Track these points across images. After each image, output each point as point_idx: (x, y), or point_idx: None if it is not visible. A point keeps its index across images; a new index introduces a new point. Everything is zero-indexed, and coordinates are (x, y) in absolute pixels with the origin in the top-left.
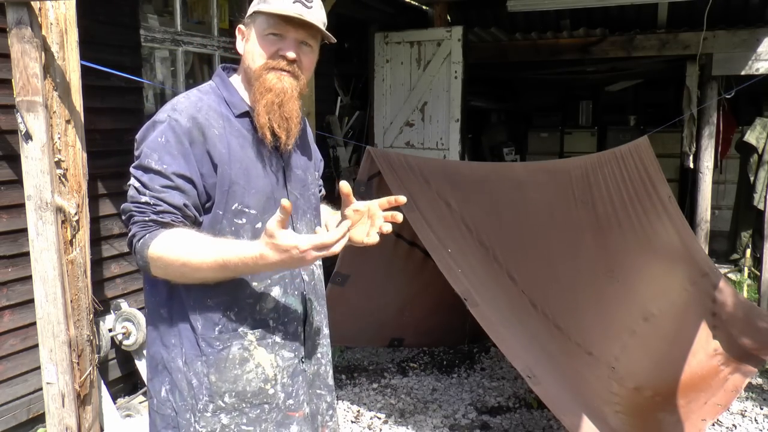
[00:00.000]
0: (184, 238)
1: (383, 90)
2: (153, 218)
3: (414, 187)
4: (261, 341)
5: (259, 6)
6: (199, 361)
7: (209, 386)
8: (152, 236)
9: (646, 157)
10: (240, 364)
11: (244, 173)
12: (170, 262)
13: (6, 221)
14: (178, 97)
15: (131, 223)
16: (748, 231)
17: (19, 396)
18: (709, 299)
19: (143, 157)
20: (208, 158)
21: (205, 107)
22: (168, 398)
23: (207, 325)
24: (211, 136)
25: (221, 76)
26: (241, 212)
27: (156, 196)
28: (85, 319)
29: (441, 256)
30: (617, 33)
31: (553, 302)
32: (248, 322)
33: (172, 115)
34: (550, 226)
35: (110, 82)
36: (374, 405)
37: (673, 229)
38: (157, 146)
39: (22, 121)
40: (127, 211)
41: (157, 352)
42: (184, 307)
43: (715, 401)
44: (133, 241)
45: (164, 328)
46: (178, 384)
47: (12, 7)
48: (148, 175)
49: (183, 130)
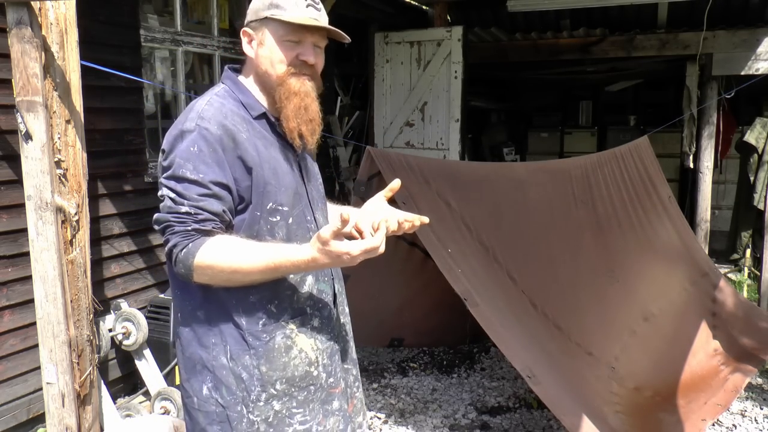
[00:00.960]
0: (233, 246)
1: (383, 90)
2: (195, 227)
3: (414, 187)
4: (301, 328)
5: (272, 12)
6: (247, 355)
7: (260, 377)
8: (196, 245)
9: (646, 157)
10: (286, 352)
11: (273, 173)
12: (220, 269)
13: (6, 221)
14: (200, 103)
15: (171, 233)
16: (748, 231)
17: (19, 396)
18: (709, 299)
19: (177, 168)
20: (241, 163)
21: (229, 113)
22: (211, 395)
23: (251, 320)
24: (241, 140)
25: (232, 78)
26: (275, 210)
27: (195, 205)
28: (85, 319)
29: (441, 256)
30: (617, 33)
31: (553, 302)
32: (288, 312)
33: (201, 124)
34: (550, 226)
35: (110, 82)
36: (374, 405)
37: (673, 229)
38: (191, 156)
39: (22, 121)
40: (164, 221)
41: (194, 353)
42: (224, 307)
43: (715, 401)
44: (174, 251)
45: (202, 330)
46: (224, 380)
47: (12, 7)
48: (183, 184)
49: (214, 137)
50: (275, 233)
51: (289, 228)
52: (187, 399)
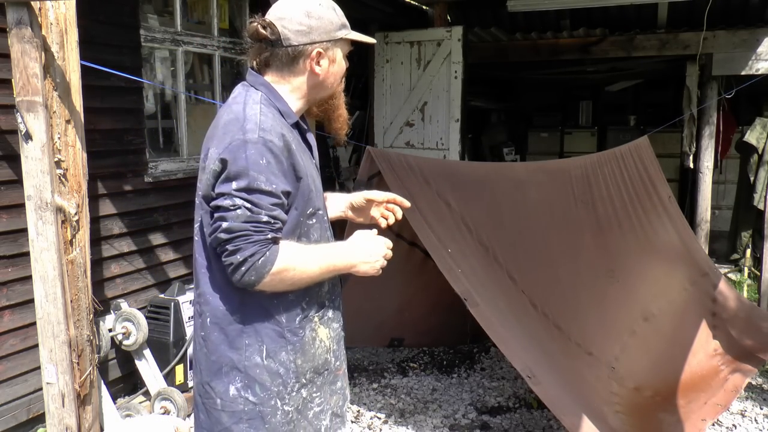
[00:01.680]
0: (301, 252)
1: (383, 90)
2: (273, 236)
3: (414, 187)
4: (321, 320)
5: (345, 33)
6: (284, 351)
7: (296, 369)
8: (274, 252)
9: (646, 157)
10: (312, 343)
11: (312, 180)
12: (294, 273)
13: (6, 221)
14: (253, 113)
15: (247, 242)
16: (748, 231)
17: (19, 396)
18: (709, 299)
19: (251, 181)
20: (293, 172)
21: (280, 122)
22: (240, 395)
23: (290, 317)
24: (294, 151)
25: (266, 85)
26: (313, 214)
27: (271, 214)
28: (85, 319)
29: (441, 256)
30: (617, 33)
31: (553, 302)
32: (315, 306)
33: (264, 136)
34: (550, 226)
35: (110, 82)
36: (374, 405)
37: (673, 229)
38: (262, 169)
39: (22, 121)
40: (241, 230)
41: (223, 356)
42: (263, 308)
43: (715, 401)
44: (251, 260)
45: (234, 333)
46: (258, 378)
47: (12, 7)
48: (256, 195)
49: (278, 149)
50: (311, 235)
51: (320, 230)
52: (208, 400)
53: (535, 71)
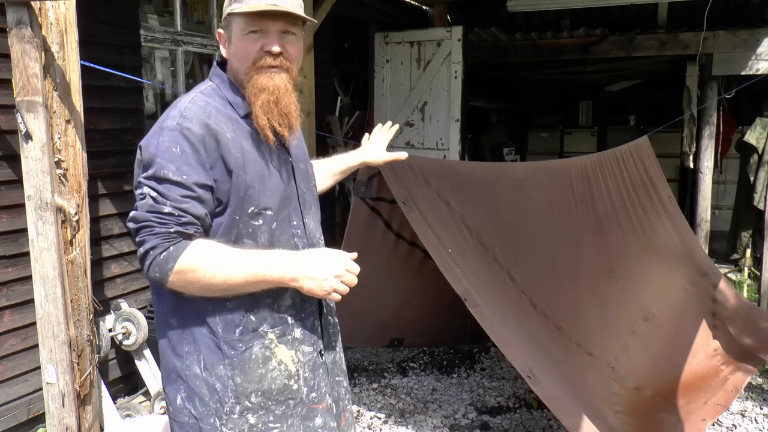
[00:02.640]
0: (216, 253)
1: (383, 90)
2: (177, 230)
3: (414, 187)
4: (281, 338)
5: (233, 7)
6: (222, 365)
7: (235, 388)
8: (178, 249)
9: (646, 157)
10: (263, 363)
11: (258, 176)
12: (201, 276)
13: (6, 221)
14: (183, 101)
15: (150, 233)
16: (748, 231)
17: (19, 396)
18: (709, 299)
19: (158, 168)
20: (222, 164)
21: (213, 111)
22: (185, 406)
23: (228, 328)
24: (224, 141)
25: (220, 75)
26: (258, 214)
27: (178, 207)
28: (85, 319)
29: (441, 256)
30: (617, 33)
31: (553, 302)
32: (268, 321)
33: (183, 123)
34: (550, 226)
35: (110, 82)
36: (374, 405)
37: (673, 229)
38: (174, 157)
39: (22, 121)
40: (144, 220)
41: (169, 361)
42: (199, 314)
43: (715, 401)
44: (152, 253)
45: (175, 338)
46: (197, 390)
47: (12, 7)
48: (164, 185)
49: (197, 138)
50: (257, 237)
51: (272, 233)
52: (167, 406)
53: (535, 71)
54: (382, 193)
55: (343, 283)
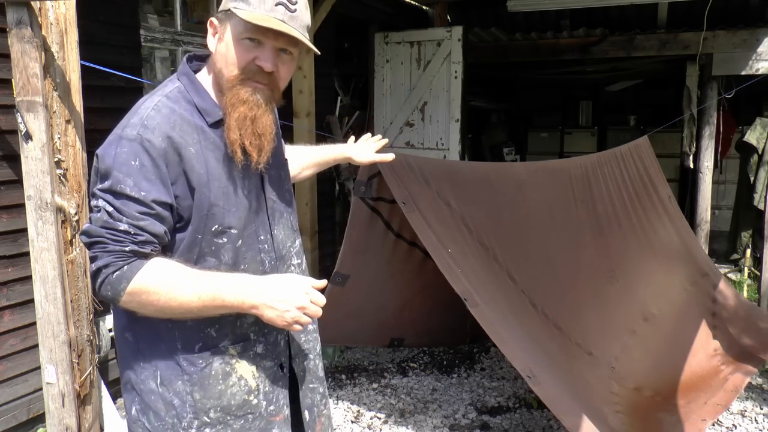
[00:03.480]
0: (172, 274)
1: (383, 90)
2: (133, 248)
3: (414, 187)
4: (242, 354)
5: (235, 5)
6: (180, 381)
7: (193, 404)
8: (132, 268)
9: (646, 157)
10: (223, 379)
11: (223, 193)
12: (156, 299)
13: (6, 221)
14: (146, 106)
15: (103, 250)
16: (748, 231)
17: (19, 396)
18: (709, 299)
19: (115, 182)
20: (185, 180)
21: (179, 121)
22: (138, 418)
23: (187, 344)
24: (188, 156)
25: (189, 75)
26: (222, 233)
27: (135, 224)
28: (85, 319)
29: (441, 256)
30: (617, 33)
31: (553, 302)
32: (229, 337)
33: (144, 135)
34: (550, 226)
35: (110, 82)
36: (374, 405)
37: (673, 229)
38: (131, 170)
39: (22, 121)
40: (97, 235)
41: (125, 372)
42: (155, 329)
43: (715, 401)
44: (104, 271)
45: (130, 352)
46: (152, 405)
47: (12, 7)
48: (121, 200)
49: (158, 152)
50: (221, 255)
51: (237, 250)
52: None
53: (535, 71)
54: (382, 193)
55: (306, 315)
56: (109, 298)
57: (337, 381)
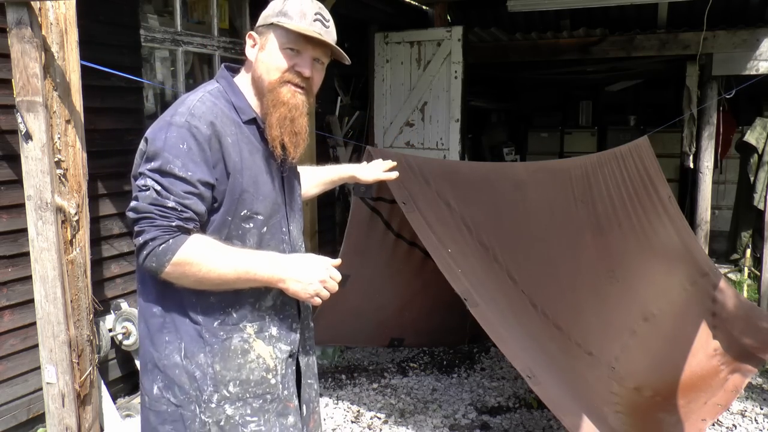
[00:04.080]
0: (213, 248)
1: (383, 90)
2: (178, 224)
3: (414, 187)
4: (259, 334)
5: (279, 19)
6: (202, 353)
7: (214, 375)
8: (177, 242)
9: (646, 157)
10: (242, 354)
11: (253, 181)
12: (197, 269)
13: (6, 221)
14: (192, 99)
15: (151, 224)
16: (748, 231)
17: (19, 396)
18: (709, 299)
19: (164, 163)
20: (223, 165)
21: (219, 113)
22: (162, 395)
23: (207, 319)
24: (226, 144)
25: (227, 78)
26: (249, 218)
27: (181, 202)
28: (85, 319)
29: (441, 256)
30: (617, 33)
31: (554, 302)
32: (247, 317)
33: (191, 121)
34: (550, 226)
35: (110, 82)
36: (374, 405)
37: (673, 229)
38: (180, 153)
39: (22, 121)
40: (145, 211)
41: (147, 351)
42: (182, 304)
43: (715, 401)
44: (152, 244)
45: (156, 327)
46: (176, 379)
47: (12, 7)
48: (168, 179)
49: (203, 137)
50: (246, 239)
51: (261, 236)
52: (141, 397)
53: (535, 71)
54: (382, 193)
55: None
56: (153, 268)
57: (337, 381)
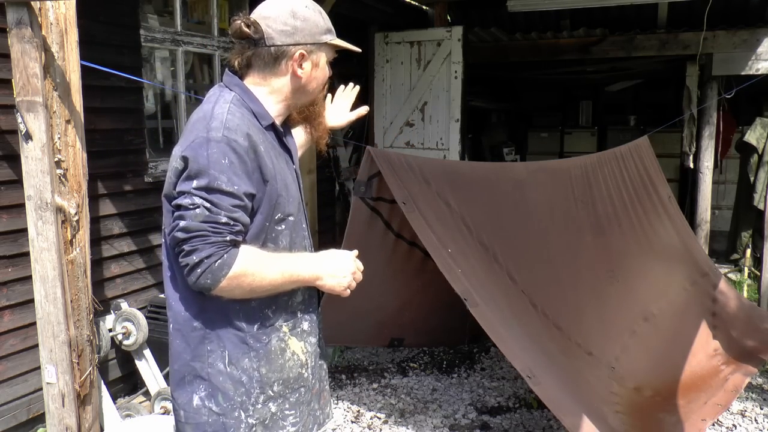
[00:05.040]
0: (261, 258)
1: (383, 90)
2: (232, 239)
3: (414, 187)
4: (293, 331)
5: (329, 37)
6: (247, 358)
7: (260, 378)
8: (231, 256)
9: (646, 157)
10: (281, 354)
11: (284, 185)
12: (252, 279)
13: (6, 221)
14: (221, 112)
15: (204, 242)
16: (748, 231)
17: (19, 396)
18: (709, 299)
19: (211, 180)
20: (260, 174)
21: (249, 123)
22: (203, 405)
23: (250, 323)
24: (260, 152)
25: (241, 86)
26: (282, 220)
27: (231, 216)
28: (85, 319)
29: (441, 256)
30: (617, 33)
31: (553, 302)
32: (282, 315)
33: (229, 135)
34: (550, 226)
35: (110, 82)
36: (374, 405)
37: (673, 229)
38: (224, 168)
39: (22, 121)
40: (198, 230)
41: (185, 365)
42: (224, 312)
43: (715, 401)
44: (206, 261)
45: (197, 339)
46: (221, 387)
47: (12, 7)
48: (216, 195)
49: (243, 149)
50: (279, 241)
51: (291, 237)
52: (175, 413)
53: (535, 71)
54: (382, 193)
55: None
56: (206, 286)
57: (337, 381)
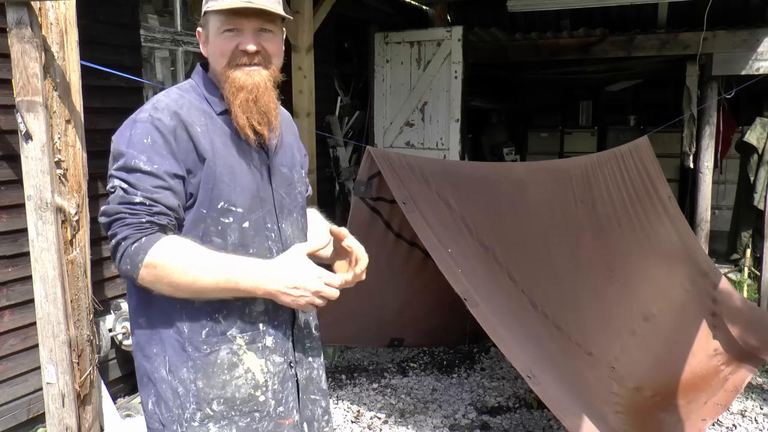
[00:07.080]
0: (189, 249)
1: (383, 90)
2: (149, 219)
3: (414, 187)
4: (251, 345)
5: (209, 5)
6: (185, 368)
7: (196, 393)
8: (150, 240)
9: (646, 157)
10: (229, 369)
11: (228, 171)
12: (171, 271)
13: (6, 221)
14: (159, 95)
15: (122, 225)
16: (748, 231)
17: (19, 396)
18: (709, 299)
19: (129, 159)
20: (195, 154)
21: (186, 104)
22: (154, 411)
23: (193, 328)
24: (195, 132)
25: (200, 73)
26: (227, 210)
27: (149, 196)
28: (85, 319)
29: (441, 256)
30: (617, 33)
31: (553, 302)
32: (237, 325)
33: (154, 114)
34: (550, 226)
35: (110, 82)
36: (374, 405)
37: (673, 229)
38: (144, 148)
39: (22, 121)
40: (115, 212)
41: (140, 364)
42: (166, 312)
43: (715, 401)
44: (123, 243)
45: (144, 338)
46: (163, 395)
47: (12, 7)
48: (135, 175)
49: (167, 128)
50: (227, 236)
51: (243, 232)
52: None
53: (535, 71)
54: (382, 193)
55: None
56: (128, 272)
57: (337, 381)
